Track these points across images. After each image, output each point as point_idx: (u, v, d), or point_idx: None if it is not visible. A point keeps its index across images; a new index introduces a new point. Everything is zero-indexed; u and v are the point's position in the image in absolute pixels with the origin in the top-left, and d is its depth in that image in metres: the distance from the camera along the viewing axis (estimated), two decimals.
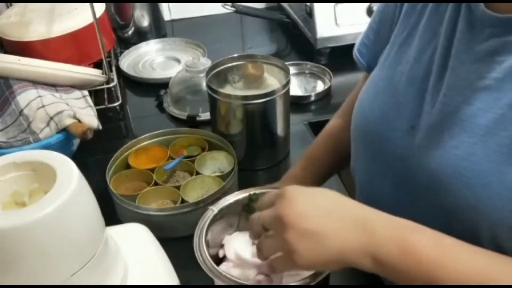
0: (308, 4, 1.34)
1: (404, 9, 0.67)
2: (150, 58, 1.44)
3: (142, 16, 1.50)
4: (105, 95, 1.20)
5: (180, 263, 0.68)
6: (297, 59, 1.36)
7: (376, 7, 0.76)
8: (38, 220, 0.47)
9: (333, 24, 1.32)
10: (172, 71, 1.30)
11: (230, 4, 1.41)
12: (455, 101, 0.56)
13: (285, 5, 1.54)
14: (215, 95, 0.98)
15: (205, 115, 1.14)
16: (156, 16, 1.54)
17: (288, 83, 0.99)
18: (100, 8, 1.25)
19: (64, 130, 0.97)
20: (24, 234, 0.47)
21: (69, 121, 0.97)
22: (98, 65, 1.21)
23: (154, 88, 1.27)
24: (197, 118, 1.15)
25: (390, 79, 0.65)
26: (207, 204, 0.79)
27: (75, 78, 1.09)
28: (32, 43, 1.15)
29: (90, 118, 1.01)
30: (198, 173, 0.95)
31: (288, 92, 1.00)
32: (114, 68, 1.27)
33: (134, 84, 1.35)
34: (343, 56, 1.02)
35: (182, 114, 1.18)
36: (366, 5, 1.30)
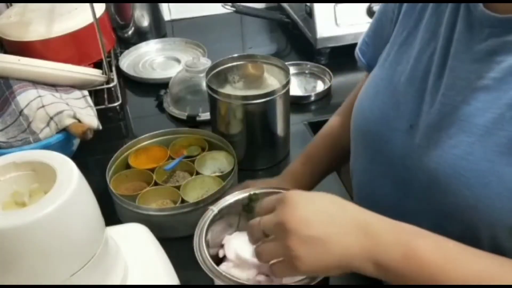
0: (308, 4, 1.34)
1: (404, 9, 0.67)
2: (150, 58, 1.44)
3: (142, 16, 1.50)
4: (105, 95, 1.20)
5: (180, 263, 0.68)
6: (297, 59, 1.36)
7: (377, 7, 0.76)
8: (38, 220, 0.47)
9: (333, 24, 1.32)
10: (172, 71, 1.30)
11: (230, 4, 1.41)
12: (454, 101, 0.56)
13: (285, 5, 1.54)
14: (215, 95, 0.98)
15: (205, 115, 1.14)
16: (156, 16, 1.54)
17: (288, 83, 0.99)
18: (100, 8, 1.24)
19: (64, 130, 0.97)
20: (24, 234, 0.47)
21: (69, 121, 0.97)
22: (98, 65, 1.21)
23: (154, 88, 1.27)
24: (197, 118, 1.15)
25: (390, 79, 0.65)
26: (207, 204, 0.79)
27: (75, 78, 1.09)
28: (32, 43, 1.15)
29: (90, 118, 1.01)
30: (198, 173, 0.95)
31: (288, 92, 1.00)
32: (114, 68, 1.27)
33: (134, 84, 1.35)
34: (343, 56, 1.02)
35: (182, 114, 1.18)
36: (366, 5, 1.30)
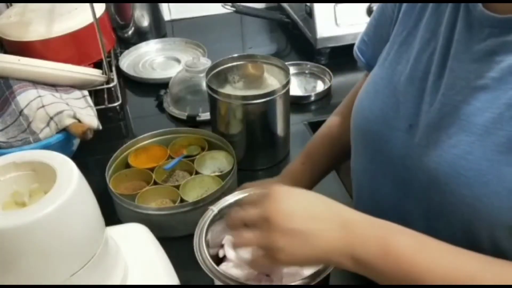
0: (308, 4, 1.34)
1: (404, 9, 0.67)
2: (150, 58, 1.44)
3: (142, 16, 1.50)
4: (105, 95, 1.20)
5: (180, 263, 0.68)
6: (297, 59, 1.36)
7: (376, 7, 0.76)
8: (38, 220, 0.47)
9: (333, 24, 1.32)
10: (172, 71, 1.30)
11: (230, 4, 1.41)
12: (454, 101, 0.56)
13: (285, 5, 1.54)
14: (215, 95, 0.98)
15: (205, 115, 1.14)
16: (156, 16, 1.54)
17: (288, 83, 0.99)
18: (100, 8, 1.25)
19: (64, 130, 0.97)
20: (24, 234, 0.47)
21: (69, 121, 0.97)
22: (98, 65, 1.21)
23: (154, 88, 1.27)
24: (197, 118, 1.15)
25: (390, 79, 0.65)
26: (207, 204, 0.79)
27: (75, 78, 1.09)
28: (32, 43, 1.15)
29: (90, 118, 1.01)
30: (198, 173, 0.95)
31: (288, 92, 1.00)
32: (114, 68, 1.27)
33: (134, 84, 1.35)
34: (343, 56, 1.02)
35: (182, 114, 1.18)
36: (366, 5, 1.30)
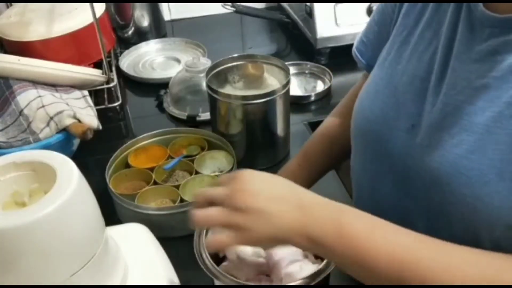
0: (308, 4, 1.34)
1: (404, 9, 0.67)
2: (150, 58, 1.44)
3: (142, 16, 1.50)
4: (105, 95, 1.20)
5: (180, 263, 0.68)
6: (297, 59, 1.36)
7: (376, 7, 0.76)
8: (38, 220, 0.47)
9: (333, 24, 1.32)
10: (172, 71, 1.30)
11: (230, 4, 1.41)
12: (456, 101, 0.56)
13: (285, 5, 1.54)
14: (215, 95, 0.98)
15: (205, 115, 1.14)
16: (156, 16, 1.54)
17: (288, 83, 0.99)
18: (100, 8, 1.25)
19: (64, 130, 0.97)
20: (24, 234, 0.47)
21: (69, 121, 0.97)
22: (98, 65, 1.21)
23: (154, 88, 1.27)
24: (197, 118, 1.15)
25: (390, 78, 0.65)
26: None
27: (75, 78, 1.09)
28: (32, 43, 1.15)
29: (90, 118, 1.01)
30: (198, 173, 0.95)
31: (288, 92, 1.00)
32: (114, 68, 1.27)
33: (134, 84, 1.35)
34: (343, 56, 1.02)
35: (182, 114, 1.18)
36: (366, 5, 1.30)
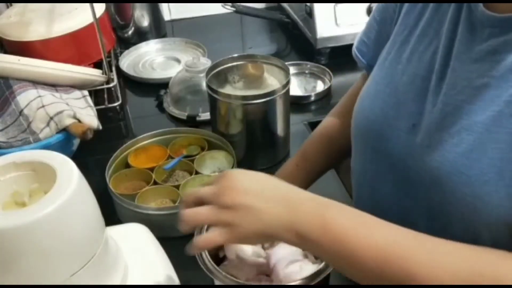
0: (308, 4, 1.34)
1: (405, 8, 0.67)
2: (150, 58, 1.44)
3: (142, 16, 1.50)
4: (105, 95, 1.20)
5: (180, 263, 0.68)
6: (297, 59, 1.36)
7: (375, 6, 0.76)
8: (38, 220, 0.47)
9: (333, 24, 1.32)
10: (172, 71, 1.30)
11: (230, 4, 1.41)
12: (456, 100, 0.56)
13: (285, 5, 1.54)
14: (215, 95, 0.98)
15: (205, 115, 1.14)
16: (156, 16, 1.54)
17: (288, 83, 0.99)
18: (100, 8, 1.24)
19: (64, 130, 0.97)
20: (24, 234, 0.47)
21: (69, 121, 0.97)
22: (98, 65, 1.21)
23: (154, 88, 1.27)
24: (197, 118, 1.15)
25: (391, 78, 0.65)
26: None
27: (75, 78, 1.09)
28: (32, 43, 1.15)
29: (90, 118, 1.01)
30: (198, 173, 0.94)
31: (288, 92, 1.00)
32: (114, 68, 1.27)
33: (134, 84, 1.35)
34: (343, 56, 1.02)
35: (182, 114, 1.18)
36: (366, 5, 1.30)
